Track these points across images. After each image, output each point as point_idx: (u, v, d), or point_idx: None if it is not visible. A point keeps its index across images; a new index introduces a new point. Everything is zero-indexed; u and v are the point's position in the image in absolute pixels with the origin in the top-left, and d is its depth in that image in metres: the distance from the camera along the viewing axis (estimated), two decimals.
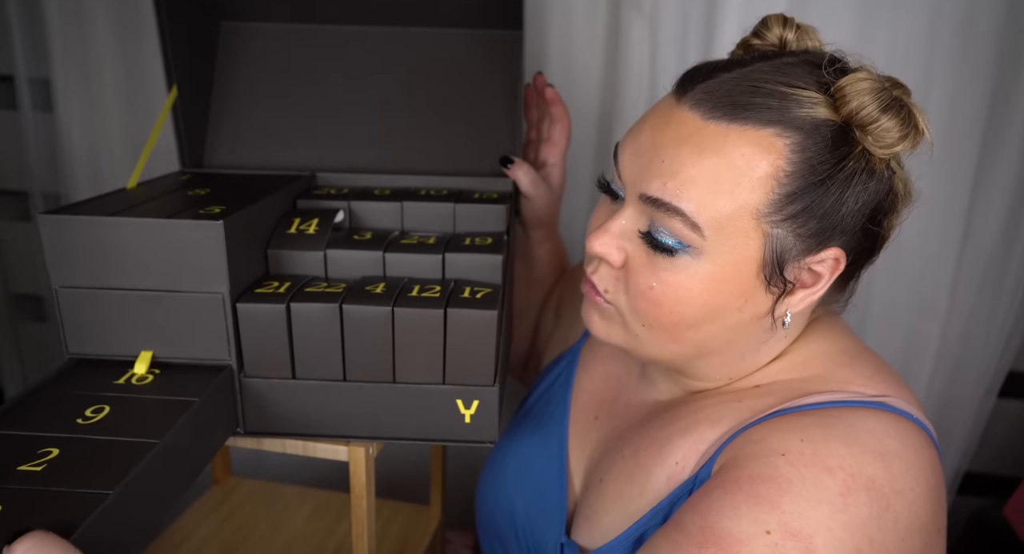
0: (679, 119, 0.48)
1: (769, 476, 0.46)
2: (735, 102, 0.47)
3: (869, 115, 0.46)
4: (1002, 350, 1.01)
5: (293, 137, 0.76)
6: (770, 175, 0.46)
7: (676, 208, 0.47)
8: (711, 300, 0.49)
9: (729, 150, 0.46)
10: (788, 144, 0.46)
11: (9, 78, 1.14)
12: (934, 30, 0.88)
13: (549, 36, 0.97)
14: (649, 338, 0.53)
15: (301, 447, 0.59)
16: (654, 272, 0.50)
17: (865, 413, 0.49)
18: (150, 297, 0.53)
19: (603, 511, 0.57)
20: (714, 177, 0.46)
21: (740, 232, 0.47)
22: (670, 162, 0.47)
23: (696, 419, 0.55)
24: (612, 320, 0.55)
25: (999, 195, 0.94)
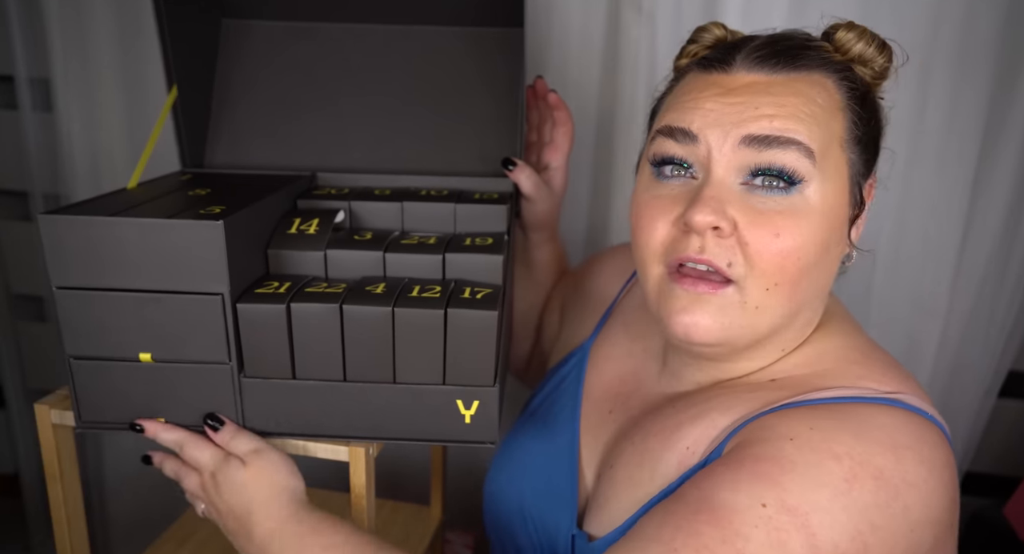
0: (745, 82, 0.52)
1: (773, 457, 0.47)
2: (786, 56, 0.53)
3: (870, 54, 0.54)
4: (1002, 350, 1.01)
5: (294, 137, 0.76)
6: (837, 107, 0.52)
7: (790, 139, 0.50)
8: (827, 234, 0.51)
9: (804, 91, 0.51)
10: (834, 82, 0.53)
11: (9, 78, 1.14)
12: (934, 30, 0.88)
13: (549, 36, 0.97)
14: (771, 303, 0.51)
15: (301, 447, 0.59)
16: (771, 221, 0.50)
17: (878, 409, 0.50)
18: (150, 297, 0.53)
19: (613, 497, 0.58)
20: (808, 112, 0.50)
21: (834, 159, 0.51)
22: (765, 107, 0.50)
23: (708, 407, 0.55)
24: (727, 308, 0.51)
25: (999, 195, 0.94)
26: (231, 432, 0.57)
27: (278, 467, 0.56)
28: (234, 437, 0.57)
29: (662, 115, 0.56)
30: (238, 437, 0.57)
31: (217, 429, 0.57)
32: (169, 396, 0.57)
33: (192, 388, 0.56)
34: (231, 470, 0.56)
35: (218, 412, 0.58)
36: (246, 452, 0.56)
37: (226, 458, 0.56)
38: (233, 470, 0.56)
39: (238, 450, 0.57)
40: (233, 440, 0.57)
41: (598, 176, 1.02)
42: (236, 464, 0.56)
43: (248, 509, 0.55)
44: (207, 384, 0.56)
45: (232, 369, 0.56)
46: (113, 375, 0.56)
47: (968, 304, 0.99)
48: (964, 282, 0.99)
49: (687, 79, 0.56)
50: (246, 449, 0.56)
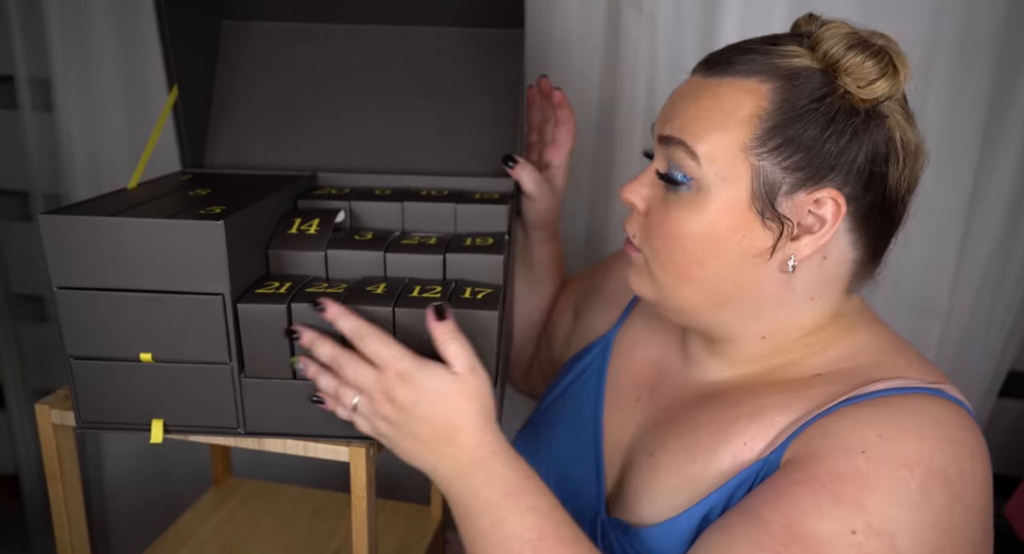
0: (690, 83, 0.57)
1: (851, 475, 0.47)
2: (727, 60, 0.55)
3: (838, 53, 0.51)
4: (1002, 350, 1.01)
5: (294, 137, 0.76)
6: (753, 114, 0.52)
7: (679, 140, 0.54)
8: (710, 231, 0.54)
9: (720, 95, 0.54)
10: (771, 88, 0.52)
11: (9, 78, 1.14)
12: (934, 30, 0.88)
13: (549, 36, 0.97)
14: (667, 282, 0.57)
15: (302, 447, 0.59)
16: (666, 209, 0.56)
17: (929, 400, 0.51)
18: (150, 297, 0.53)
19: (655, 485, 0.58)
20: (707, 116, 0.53)
21: (731, 165, 0.53)
22: (678, 109, 0.56)
23: (763, 404, 0.56)
24: (641, 271, 0.59)
25: (999, 195, 0.94)
26: (452, 333, 0.52)
27: (489, 394, 0.53)
28: (453, 339, 0.52)
29: None
30: (455, 343, 0.52)
31: (443, 316, 0.52)
32: (170, 396, 0.57)
33: (193, 388, 0.56)
34: (437, 376, 0.52)
35: (217, 412, 0.57)
36: (463, 366, 0.52)
37: (425, 361, 0.52)
38: (439, 377, 0.52)
39: (451, 356, 0.52)
40: (451, 342, 0.52)
41: (598, 176, 1.02)
42: (444, 372, 0.52)
43: (453, 424, 0.52)
44: (208, 384, 0.56)
45: (233, 369, 0.56)
46: (114, 375, 0.56)
47: (968, 304, 1.00)
48: (964, 282, 0.99)
49: None
50: (464, 363, 0.52)
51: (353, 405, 0.54)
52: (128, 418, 0.58)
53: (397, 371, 0.52)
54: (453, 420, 0.52)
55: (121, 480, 1.28)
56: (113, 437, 1.25)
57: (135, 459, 1.27)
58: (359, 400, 0.53)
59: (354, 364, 0.53)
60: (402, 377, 0.51)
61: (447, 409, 0.52)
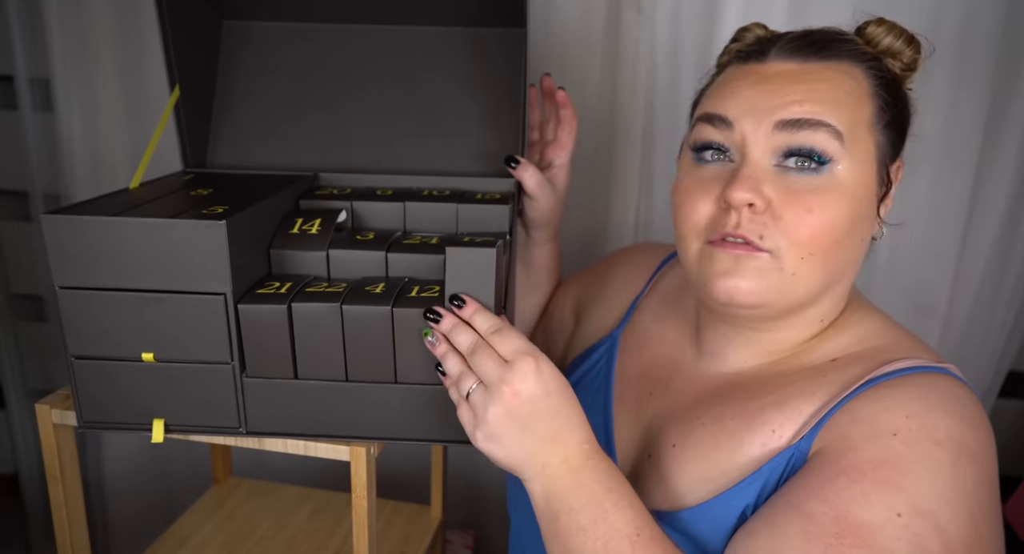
0: (778, 70, 0.57)
1: (888, 459, 0.49)
2: (817, 47, 0.57)
3: (899, 47, 0.58)
4: (1002, 350, 1.01)
5: (295, 137, 0.76)
6: (864, 94, 0.56)
7: (819, 121, 0.54)
8: (855, 209, 0.55)
9: (832, 77, 0.55)
10: (862, 71, 0.57)
11: (9, 78, 1.14)
12: (933, 31, 0.88)
13: (549, 36, 0.97)
14: (807, 272, 0.55)
15: (302, 447, 0.59)
16: (803, 198, 0.54)
17: (945, 380, 0.54)
18: (152, 297, 0.53)
19: (679, 473, 0.59)
20: (835, 97, 0.55)
21: (862, 141, 0.55)
22: (795, 93, 0.55)
23: (787, 393, 0.57)
24: (763, 272, 0.55)
25: (998, 196, 0.95)
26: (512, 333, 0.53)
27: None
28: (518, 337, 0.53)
29: (702, 104, 0.60)
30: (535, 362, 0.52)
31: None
32: (171, 396, 0.57)
33: (194, 388, 0.56)
34: (557, 372, 0.53)
35: (219, 412, 0.58)
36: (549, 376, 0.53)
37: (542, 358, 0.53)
38: (558, 373, 0.53)
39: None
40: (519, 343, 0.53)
41: (598, 176, 1.02)
42: (557, 376, 0.53)
43: (567, 419, 0.53)
44: (209, 384, 0.56)
45: (234, 369, 0.56)
46: (115, 375, 0.56)
47: (968, 304, 1.00)
48: (964, 282, 0.99)
49: (726, 72, 0.61)
50: (554, 380, 0.53)
51: (467, 392, 0.53)
52: (129, 418, 0.58)
53: (530, 365, 0.52)
54: (568, 415, 0.53)
55: (121, 480, 1.28)
56: (113, 437, 1.25)
57: (135, 459, 1.27)
58: (475, 388, 0.53)
59: (487, 356, 0.53)
60: (535, 371, 0.52)
61: (563, 404, 0.53)
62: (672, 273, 0.76)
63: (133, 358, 0.55)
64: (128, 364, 0.56)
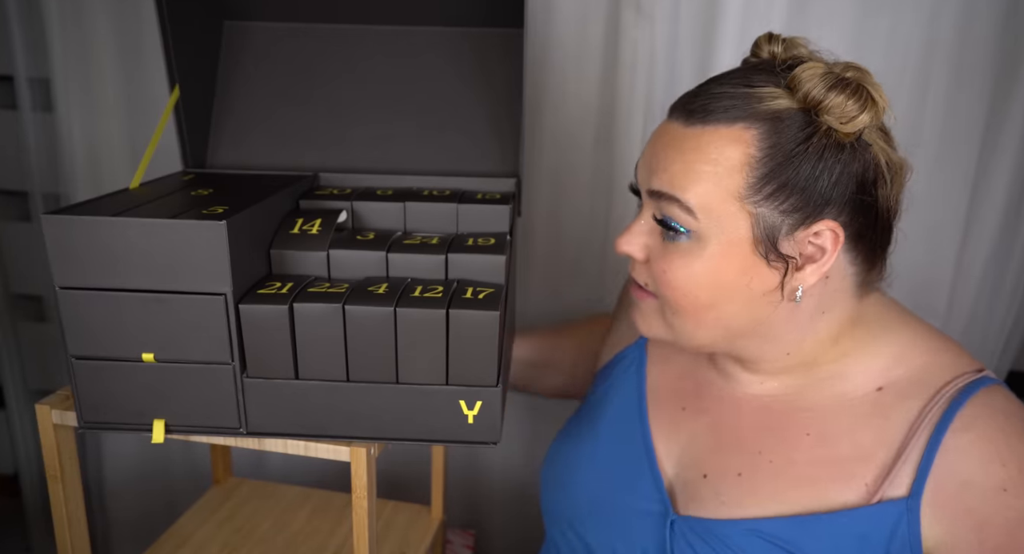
0: (667, 130, 0.57)
1: (1011, 525, 0.52)
2: (705, 108, 0.54)
3: (819, 94, 0.52)
4: (1002, 350, 1.01)
5: (296, 137, 0.76)
6: (743, 162, 0.53)
7: (672, 196, 0.55)
8: (716, 278, 0.55)
9: (704, 146, 0.54)
10: (755, 134, 0.53)
11: (9, 78, 1.14)
12: (933, 30, 0.88)
13: (549, 36, 0.97)
14: (680, 325, 0.58)
15: (303, 447, 0.59)
16: (667, 259, 0.56)
17: (996, 391, 0.56)
18: (153, 298, 0.53)
19: (748, 498, 0.59)
20: (695, 169, 0.54)
21: (728, 214, 0.54)
22: (664, 161, 0.56)
23: (861, 441, 0.57)
24: (652, 314, 0.60)
25: (998, 195, 0.94)
26: None
27: None
28: None
29: None
30: None
31: None
32: (171, 396, 0.57)
33: (194, 388, 0.56)
34: None
35: (219, 412, 0.57)
36: None
37: None
38: None
39: None
40: None
41: (598, 176, 1.02)
42: None
43: None
44: (210, 384, 0.56)
45: (235, 369, 0.56)
46: (115, 375, 0.56)
47: (968, 305, 0.99)
48: (964, 282, 0.99)
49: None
50: None
51: None
52: (130, 418, 0.58)
53: None
54: None
55: (121, 480, 1.28)
56: (113, 437, 1.24)
57: (135, 459, 1.27)
58: None
59: None
60: None
61: None
62: None
63: (133, 358, 0.55)
64: (128, 364, 0.56)
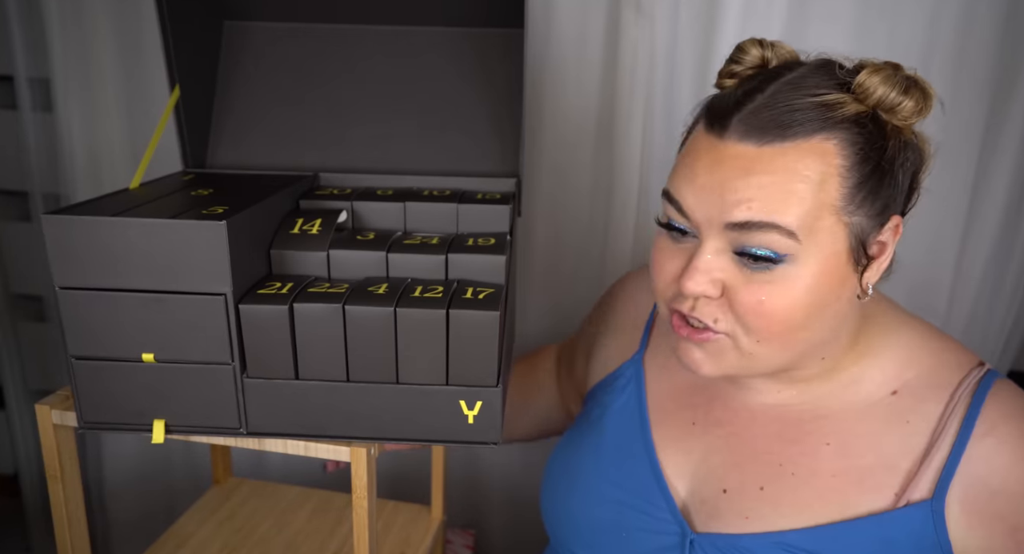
0: (734, 153, 0.52)
1: None
2: (778, 123, 0.51)
3: (893, 100, 0.52)
4: (1002, 350, 1.01)
5: (296, 137, 0.76)
6: (833, 173, 0.51)
7: (770, 223, 0.51)
8: (816, 298, 0.53)
9: (792, 165, 0.51)
10: (836, 143, 0.51)
11: (9, 78, 1.14)
12: (934, 30, 0.88)
13: (549, 36, 0.97)
14: (764, 353, 0.55)
15: (303, 447, 0.59)
16: (758, 288, 0.53)
17: (1007, 389, 0.58)
18: (153, 298, 0.53)
19: (772, 511, 0.59)
20: (790, 190, 0.51)
21: (825, 230, 0.52)
22: (745, 189, 0.51)
23: (884, 452, 0.58)
24: (722, 351, 0.56)
25: (998, 195, 0.94)
26: None
27: None
28: None
29: (674, 169, 0.57)
30: None
31: None
32: (171, 396, 0.57)
33: (194, 388, 0.56)
34: None
35: (219, 413, 0.57)
36: None
37: None
38: None
39: None
40: None
41: (598, 176, 1.02)
42: None
43: None
44: (210, 384, 0.56)
45: (235, 369, 0.56)
46: (115, 375, 0.56)
47: (968, 305, 0.99)
48: (963, 282, 0.99)
49: (697, 131, 0.57)
50: None
51: None
52: (130, 418, 0.58)
53: None
54: None
55: (121, 480, 1.28)
56: (113, 437, 1.25)
57: (135, 459, 1.27)
58: None
59: None
60: None
61: None
62: None
63: (133, 358, 0.55)
64: (128, 364, 0.56)
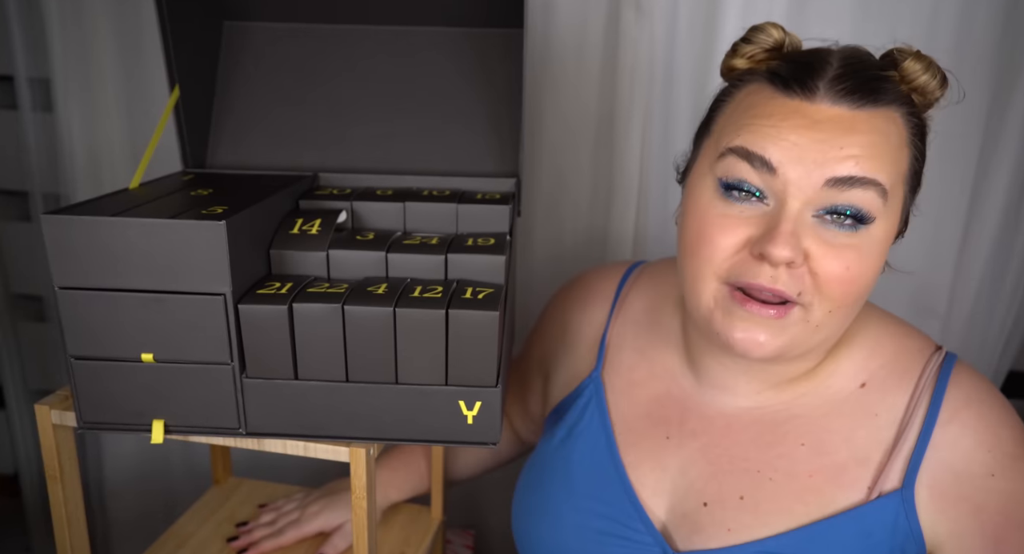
0: (829, 115, 0.52)
1: (1003, 505, 0.55)
2: (870, 90, 0.52)
3: (933, 87, 0.55)
4: (1002, 350, 1.01)
5: (295, 137, 0.76)
6: (906, 143, 0.54)
7: (873, 180, 0.51)
8: (882, 262, 0.55)
9: (879, 127, 0.52)
10: (901, 115, 0.54)
11: (9, 78, 1.14)
12: (933, 30, 0.88)
13: (549, 36, 0.97)
14: (831, 324, 0.55)
15: (302, 448, 0.59)
16: (840, 254, 0.52)
17: (961, 370, 0.59)
18: (152, 298, 0.53)
19: (754, 520, 0.59)
20: (886, 152, 0.52)
21: (897, 197, 0.54)
22: (851, 147, 0.51)
23: (858, 445, 0.59)
24: (787, 326, 0.53)
25: (998, 195, 0.94)
26: None
27: None
28: None
29: (733, 131, 0.54)
30: None
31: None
32: (171, 396, 0.57)
33: (194, 388, 0.56)
34: None
35: (218, 413, 0.57)
36: None
37: None
38: None
39: None
40: None
41: (598, 176, 1.02)
42: None
43: None
44: (209, 385, 0.56)
45: (234, 369, 0.56)
46: (115, 375, 0.56)
47: (967, 305, 1.00)
48: (964, 282, 0.99)
49: (759, 95, 0.54)
50: None
51: None
52: (129, 418, 0.58)
53: None
54: None
55: (121, 480, 1.28)
56: (113, 437, 1.25)
57: (135, 459, 1.27)
58: None
59: None
60: None
61: None
62: (635, 294, 0.72)
63: (133, 358, 0.55)
64: (128, 364, 0.56)
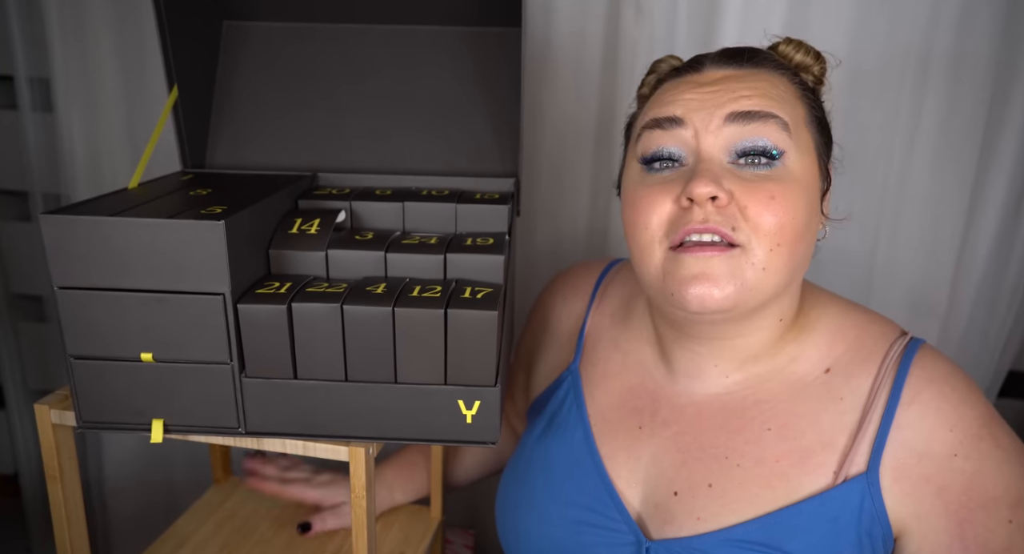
0: (717, 76, 0.59)
1: (966, 485, 0.54)
2: (749, 56, 0.60)
3: (809, 62, 0.62)
4: (1002, 350, 1.01)
5: (294, 137, 0.76)
6: (795, 96, 0.59)
7: (768, 113, 0.56)
8: (808, 200, 0.56)
9: (768, 79, 0.58)
10: (788, 78, 0.60)
11: (9, 78, 1.14)
12: (934, 30, 0.88)
13: (548, 36, 0.97)
14: (775, 265, 0.54)
15: (301, 447, 0.59)
16: (763, 187, 0.54)
17: (929, 355, 0.59)
18: (151, 297, 0.53)
19: (723, 507, 0.59)
20: (777, 94, 0.57)
21: (803, 135, 0.57)
22: (741, 90, 0.57)
23: (822, 429, 0.59)
24: (736, 270, 0.54)
25: (998, 195, 0.94)
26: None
27: None
28: None
29: (642, 119, 0.61)
30: None
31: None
32: (170, 396, 0.57)
33: (193, 388, 0.56)
34: None
35: (218, 412, 0.57)
36: None
37: None
38: None
39: None
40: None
41: (598, 176, 1.02)
42: None
43: None
44: (208, 384, 0.56)
45: (233, 369, 0.56)
46: (114, 375, 0.56)
47: (967, 304, 1.00)
48: (963, 282, 0.99)
49: (661, 89, 0.62)
50: None
51: None
52: (128, 418, 0.58)
53: None
54: None
55: (121, 480, 1.28)
56: (113, 437, 1.25)
57: (135, 459, 1.27)
58: None
59: None
60: None
61: None
62: (613, 288, 0.74)
63: (132, 358, 0.55)
64: (127, 364, 0.56)
